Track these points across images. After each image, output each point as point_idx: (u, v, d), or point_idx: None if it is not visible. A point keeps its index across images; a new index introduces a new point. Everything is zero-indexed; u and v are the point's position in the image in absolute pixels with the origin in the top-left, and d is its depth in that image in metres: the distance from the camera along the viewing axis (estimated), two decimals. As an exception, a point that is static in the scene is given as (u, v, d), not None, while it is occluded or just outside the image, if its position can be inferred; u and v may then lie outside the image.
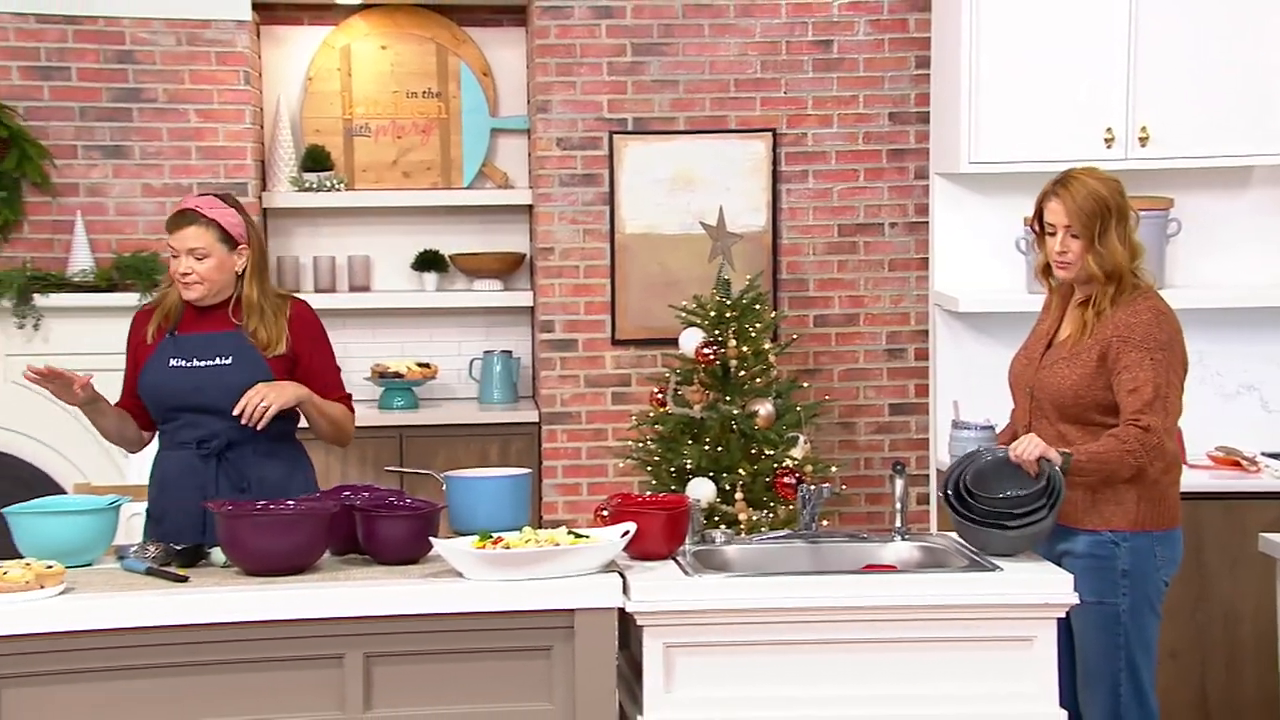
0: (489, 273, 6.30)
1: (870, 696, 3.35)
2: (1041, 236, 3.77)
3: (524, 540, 3.37)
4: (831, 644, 3.35)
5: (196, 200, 3.89)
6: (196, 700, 3.20)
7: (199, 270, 3.79)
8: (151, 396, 3.86)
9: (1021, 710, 3.36)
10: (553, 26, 5.92)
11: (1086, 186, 3.68)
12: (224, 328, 3.85)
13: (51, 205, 5.82)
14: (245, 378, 3.77)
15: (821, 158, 6.01)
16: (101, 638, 3.16)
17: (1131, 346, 3.60)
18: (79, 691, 3.16)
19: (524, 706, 3.29)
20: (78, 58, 5.80)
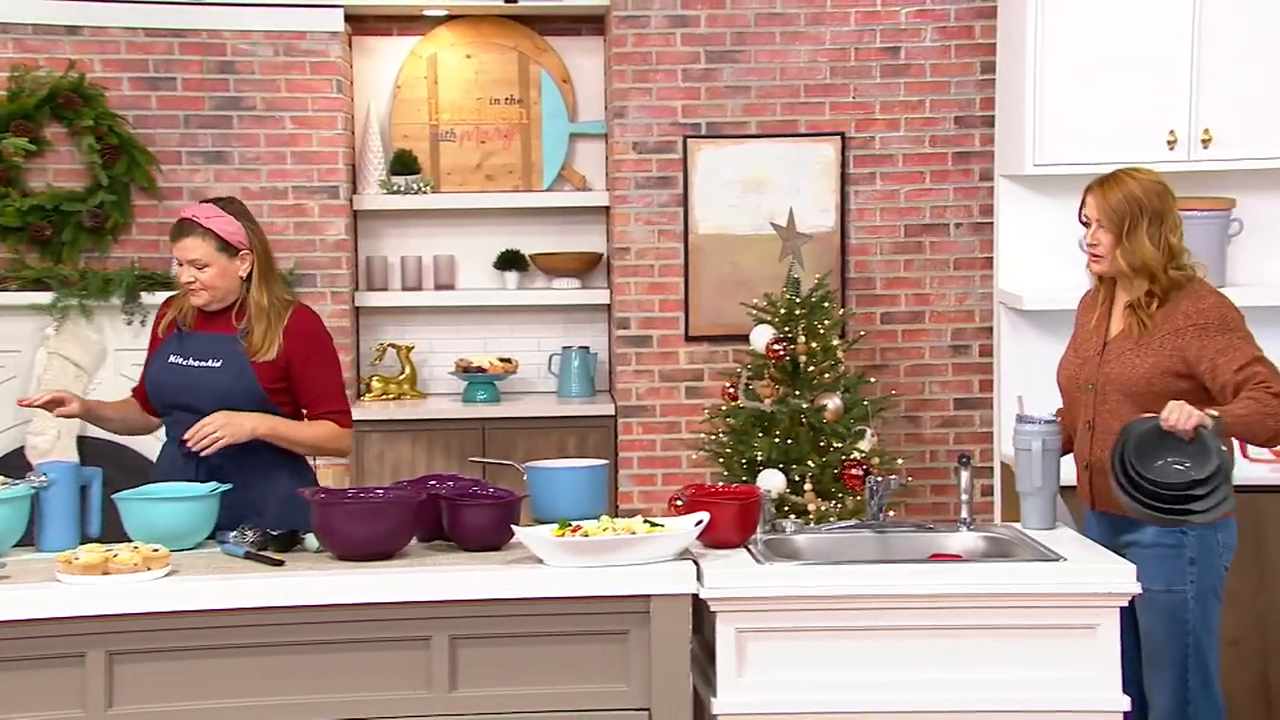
0: (567, 272, 6.31)
1: (935, 681, 3.32)
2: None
3: (602, 528, 3.37)
4: (898, 630, 3.32)
5: (196, 209, 3.82)
6: (291, 678, 3.22)
7: (201, 279, 3.75)
8: (150, 389, 3.88)
9: (1085, 696, 3.32)
10: (630, 35, 5.92)
11: (1123, 186, 3.69)
12: (224, 330, 3.81)
13: (157, 208, 5.89)
14: (229, 382, 3.74)
15: (889, 160, 5.96)
16: (203, 617, 3.19)
17: (1213, 332, 3.58)
18: (183, 668, 3.19)
19: (601, 688, 3.28)
20: (183, 69, 5.86)
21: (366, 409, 6.01)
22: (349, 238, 6.09)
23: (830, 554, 3.62)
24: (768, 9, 5.91)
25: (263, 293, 3.81)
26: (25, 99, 5.70)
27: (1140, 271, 3.66)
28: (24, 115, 5.70)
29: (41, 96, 5.71)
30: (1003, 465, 5.34)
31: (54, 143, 5.79)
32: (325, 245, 5.99)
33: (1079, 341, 3.86)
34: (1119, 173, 3.76)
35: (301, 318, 3.84)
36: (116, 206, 5.80)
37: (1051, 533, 3.64)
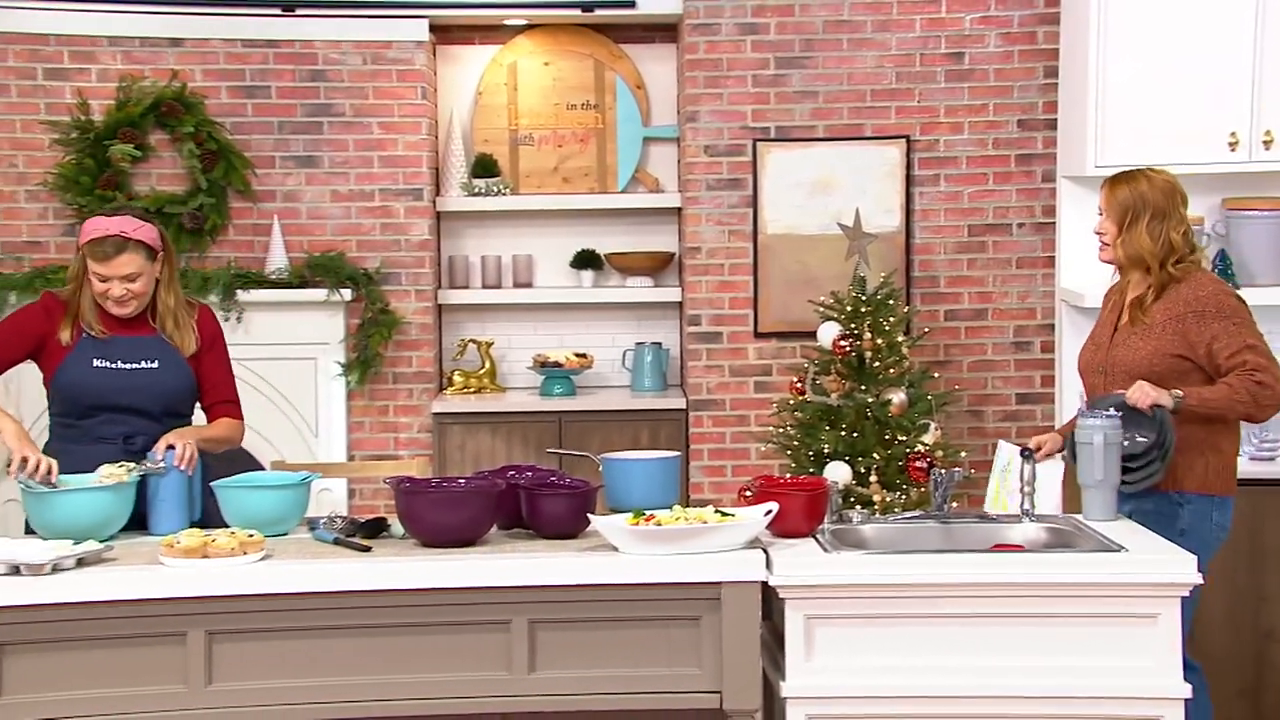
0: (641, 270, 6.30)
1: (997, 667, 3.28)
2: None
3: (674, 518, 3.36)
4: (962, 618, 3.29)
5: (118, 223, 3.64)
6: (378, 659, 3.24)
7: (133, 289, 3.66)
8: (69, 393, 3.67)
9: (1145, 683, 3.27)
10: (701, 42, 5.90)
11: (1133, 182, 3.81)
12: (143, 331, 3.73)
13: (252, 210, 5.95)
14: (172, 380, 3.71)
15: (953, 162, 5.90)
16: (295, 600, 3.22)
17: (1210, 318, 3.68)
18: (276, 647, 3.22)
19: (674, 671, 3.27)
20: (277, 78, 5.92)
21: (448, 402, 6.04)
22: (432, 238, 6.12)
23: (896, 544, 3.59)
24: (835, 16, 5.88)
25: (171, 293, 3.76)
26: (132, 108, 5.78)
27: (1136, 263, 3.78)
28: (131, 123, 5.78)
29: (147, 105, 5.78)
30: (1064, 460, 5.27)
31: (158, 149, 5.87)
32: (409, 245, 6.03)
33: (1096, 330, 3.96)
34: (1135, 171, 3.87)
35: (207, 314, 3.86)
36: (214, 209, 5.86)
37: (1113, 524, 3.59)
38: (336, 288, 5.86)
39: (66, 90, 5.80)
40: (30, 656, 3.14)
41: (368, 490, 5.87)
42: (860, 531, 3.62)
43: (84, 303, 3.69)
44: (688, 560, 3.27)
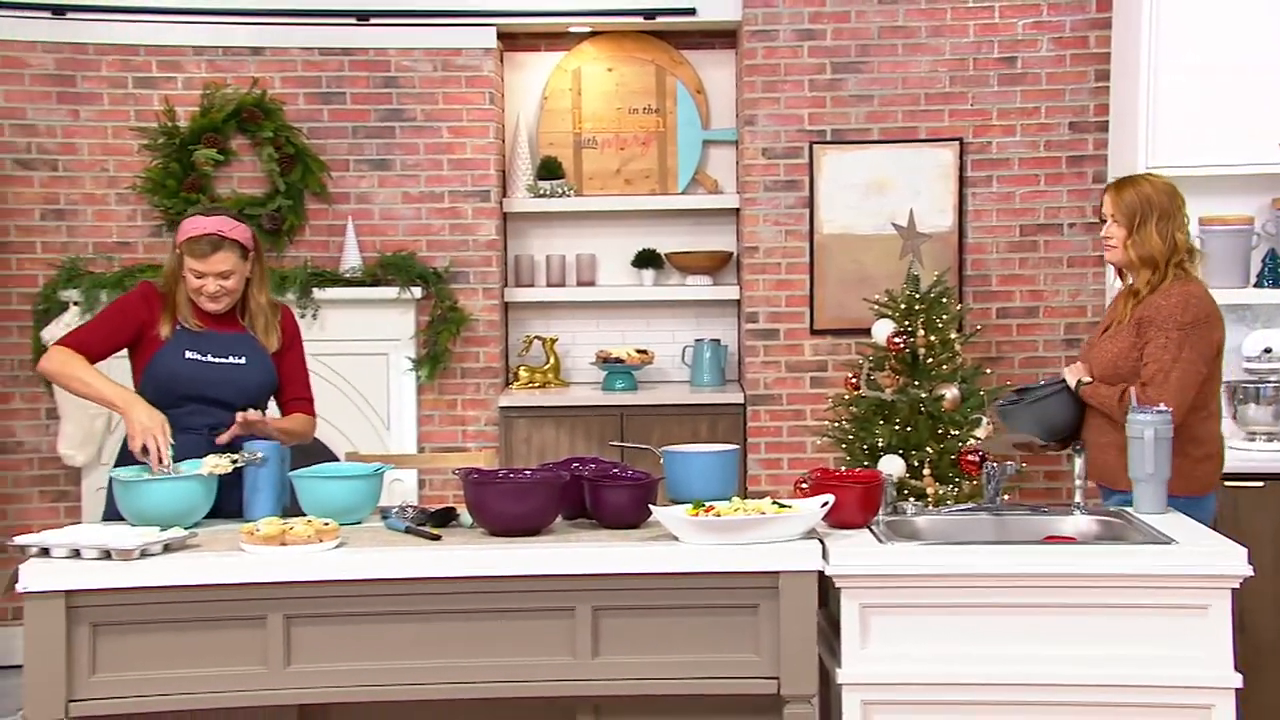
0: (700, 269, 6.29)
1: (1049, 656, 3.25)
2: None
3: (733, 509, 3.35)
4: (1015, 608, 3.26)
5: (215, 223, 3.70)
6: (446, 643, 3.25)
7: (227, 286, 3.71)
8: (162, 383, 3.70)
9: (1196, 674, 3.22)
10: (760, 48, 5.88)
11: (1136, 185, 3.86)
12: (233, 328, 3.78)
13: (328, 211, 6.00)
14: (257, 376, 3.77)
15: (1005, 164, 5.85)
16: (369, 586, 3.23)
17: (1154, 326, 3.75)
18: (351, 631, 3.24)
19: (733, 657, 3.27)
20: (351, 84, 5.96)
21: (514, 396, 6.06)
22: (499, 238, 6.14)
23: (949, 535, 3.56)
24: (891, 22, 5.84)
25: (263, 292, 3.81)
26: (215, 114, 5.84)
27: (1147, 262, 3.81)
28: (213, 129, 5.84)
29: (228, 111, 5.84)
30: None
31: (239, 153, 5.93)
32: (477, 245, 6.05)
33: (1095, 329, 4.07)
34: (1136, 175, 3.95)
35: (289, 315, 3.91)
36: (292, 210, 5.91)
37: (1163, 517, 3.54)
38: (407, 286, 5.90)
39: (154, 98, 5.88)
40: (121, 637, 3.18)
41: (437, 481, 5.90)
42: (914, 523, 3.60)
43: (180, 298, 3.74)
44: (746, 550, 3.26)
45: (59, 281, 5.79)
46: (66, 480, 5.90)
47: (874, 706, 3.27)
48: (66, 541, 3.24)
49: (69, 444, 5.78)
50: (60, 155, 5.86)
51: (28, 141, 5.83)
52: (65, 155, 5.86)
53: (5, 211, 5.83)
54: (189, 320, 3.74)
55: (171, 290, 3.76)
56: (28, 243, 5.87)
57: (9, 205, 5.83)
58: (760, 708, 3.30)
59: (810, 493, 3.52)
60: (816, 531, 3.38)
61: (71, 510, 5.89)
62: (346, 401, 5.94)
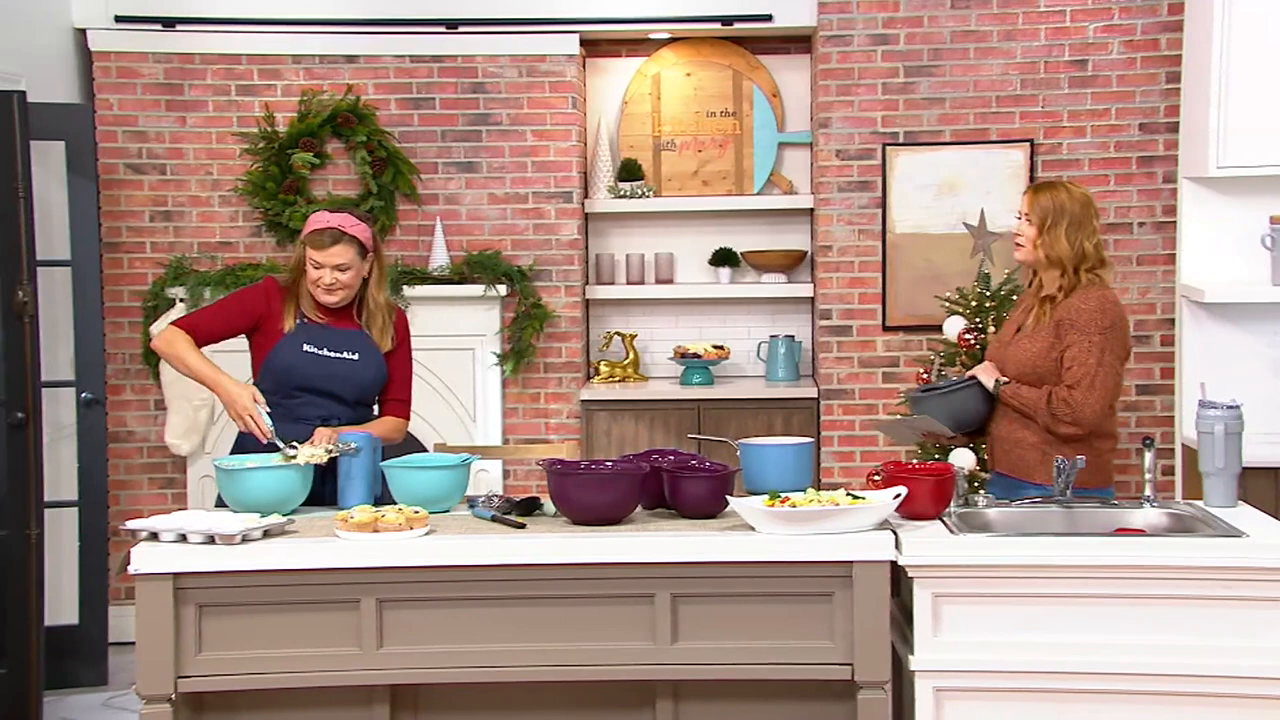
0: (775, 267, 6.26)
1: (1120, 646, 3.21)
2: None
3: (808, 500, 3.33)
4: (1084, 598, 3.22)
5: (338, 219, 3.76)
6: (531, 627, 3.27)
7: (342, 279, 3.74)
8: (280, 374, 3.76)
9: (1266, 665, 3.16)
10: (834, 53, 5.84)
11: (1053, 190, 3.88)
12: (349, 325, 3.82)
13: (417, 212, 6.04)
14: (368, 373, 3.80)
15: (1075, 165, 5.75)
16: (457, 572, 3.25)
17: (1076, 330, 3.75)
18: (440, 615, 3.26)
19: (807, 644, 3.25)
20: (440, 90, 6.00)
21: (595, 390, 6.07)
22: (580, 237, 6.15)
23: (1020, 527, 3.51)
24: (963, 27, 5.77)
25: (381, 292, 3.85)
26: (311, 119, 5.90)
27: (1054, 264, 3.82)
28: (310, 133, 5.91)
29: (324, 117, 5.90)
30: (1184, 447, 5.12)
31: (334, 156, 5.98)
32: (560, 244, 6.07)
33: (1003, 328, 4.03)
34: (1056, 181, 3.97)
35: (403, 318, 3.94)
36: (384, 211, 5.96)
37: (1233, 510, 3.47)
38: (493, 284, 5.93)
39: (255, 105, 5.95)
40: (225, 618, 3.23)
41: (521, 471, 5.93)
42: (985, 515, 3.55)
43: (301, 290, 3.81)
44: (821, 540, 3.24)
45: (166, 279, 5.89)
46: (173, 468, 6.01)
47: (946, 694, 3.24)
48: (174, 526, 3.30)
49: (175, 434, 5.88)
50: (168, 160, 5.96)
51: (139, 147, 5.94)
52: (173, 160, 5.96)
53: (118, 214, 5.94)
54: (311, 312, 3.80)
55: (294, 283, 3.82)
56: (138, 243, 5.97)
57: (121, 208, 5.94)
58: (834, 694, 3.29)
59: (883, 485, 3.48)
60: (889, 522, 3.35)
61: (178, 497, 5.99)
62: (435, 395, 5.98)
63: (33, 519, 4.87)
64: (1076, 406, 3.72)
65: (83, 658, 5.31)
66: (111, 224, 5.91)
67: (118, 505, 5.85)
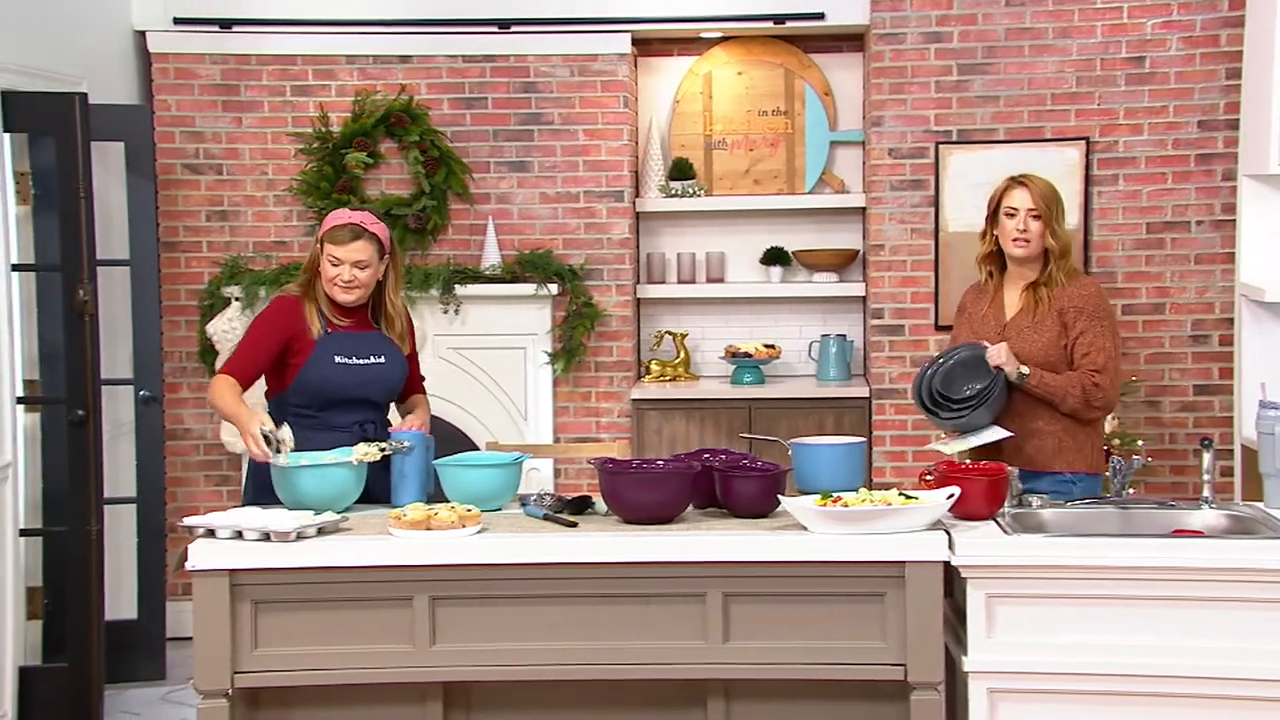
0: (827, 266, 6.23)
1: (1177, 649, 3.17)
2: (991, 228, 3.90)
3: (860, 500, 3.32)
4: (1141, 600, 3.19)
5: (359, 215, 3.76)
6: (583, 625, 3.27)
7: (360, 278, 3.72)
8: (316, 388, 3.72)
9: (1326, 672, 3.11)
10: (887, 51, 5.80)
11: (1044, 180, 3.90)
12: (368, 328, 3.81)
13: (469, 211, 6.07)
14: (395, 373, 3.81)
15: (1131, 163, 5.69)
16: (509, 570, 3.27)
17: (1086, 316, 3.80)
18: (492, 613, 3.28)
19: (860, 644, 3.24)
20: (493, 90, 6.02)
21: (645, 389, 6.07)
22: (632, 236, 6.15)
23: (1075, 528, 3.48)
24: (1018, 24, 5.71)
25: (398, 296, 3.85)
26: (365, 119, 5.94)
27: (1065, 253, 3.84)
28: (364, 133, 5.94)
29: (378, 117, 5.94)
30: (1243, 448, 5.04)
31: (387, 156, 6.01)
32: (611, 243, 6.07)
33: (974, 325, 3.96)
34: (1029, 174, 3.94)
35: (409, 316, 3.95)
36: (436, 210, 5.99)
37: (1294, 514, 3.42)
38: (544, 283, 5.94)
39: (310, 105, 6.00)
40: (280, 614, 3.26)
41: (571, 470, 5.94)
42: (1040, 515, 3.52)
43: (319, 292, 3.79)
44: (873, 540, 3.23)
45: (222, 278, 5.95)
46: (229, 465, 6.07)
47: (1000, 695, 3.22)
48: (230, 523, 3.33)
49: (230, 432, 5.94)
50: (224, 160, 6.02)
51: (196, 147, 6.00)
52: (229, 160, 6.02)
53: (175, 213, 6.01)
54: (331, 314, 3.77)
55: (309, 285, 3.79)
56: (195, 242, 6.04)
57: (178, 208, 6.01)
58: (887, 694, 3.27)
59: (935, 485, 3.46)
60: (942, 523, 3.33)
61: (234, 494, 6.05)
62: (486, 393, 6.01)
63: (93, 515, 4.94)
64: (1107, 390, 3.77)
65: (141, 652, 5.38)
66: (169, 224, 5.98)
67: (174, 502, 5.92)
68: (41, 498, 5.14)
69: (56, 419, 5.05)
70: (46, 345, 5.13)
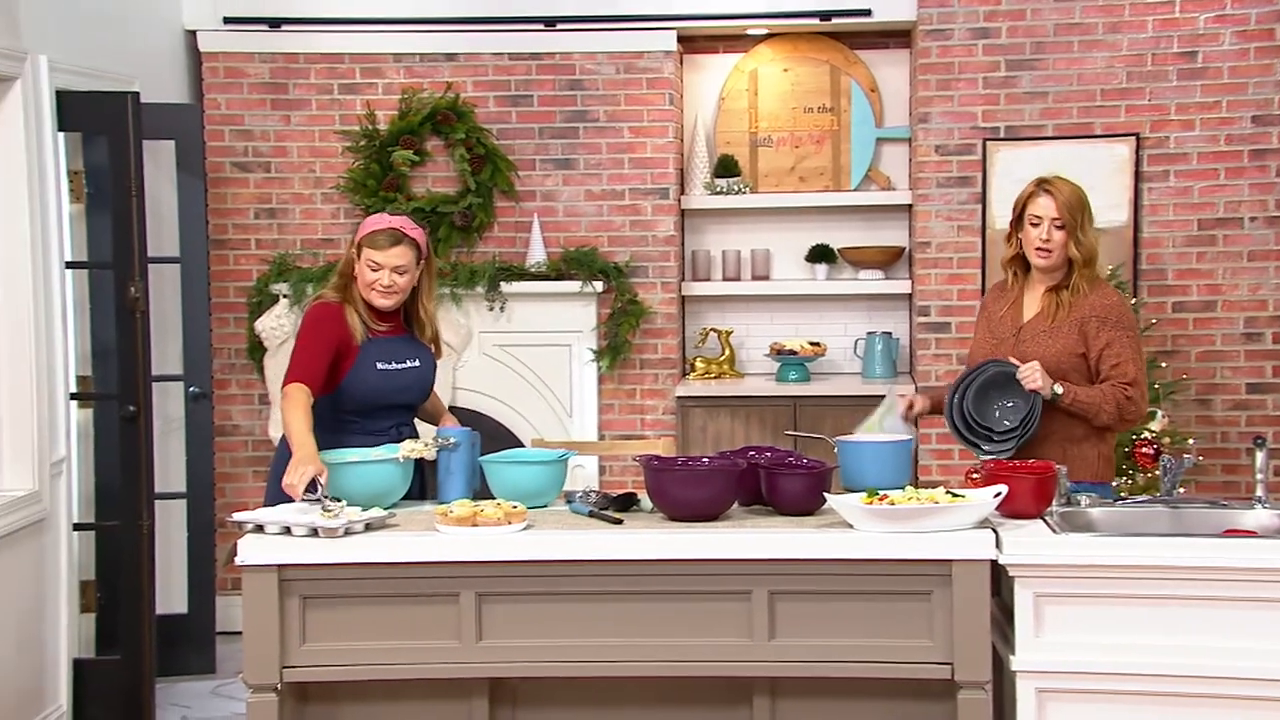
0: (872, 264, 6.21)
1: (1229, 650, 3.13)
2: (1015, 232, 3.80)
3: (907, 498, 3.30)
4: (1192, 600, 3.15)
5: (399, 220, 3.74)
6: (628, 623, 3.27)
7: (399, 283, 3.71)
8: (361, 395, 3.71)
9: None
10: (934, 47, 5.77)
11: (1069, 185, 3.75)
12: (401, 332, 3.80)
13: (514, 209, 6.09)
14: (429, 375, 3.82)
15: (1183, 159, 5.63)
16: (555, 567, 3.27)
17: (1110, 326, 3.71)
18: (538, 609, 3.28)
19: (906, 642, 3.22)
20: (538, 87, 6.04)
21: (690, 387, 6.07)
22: (677, 234, 6.15)
23: (1125, 527, 3.45)
24: (1067, 19, 5.67)
25: (431, 302, 3.85)
26: (412, 117, 5.97)
27: (1089, 262, 3.73)
28: (410, 131, 5.98)
29: (424, 115, 5.97)
30: None
31: (433, 154, 6.04)
32: (656, 241, 6.08)
33: (992, 326, 3.88)
34: (1055, 178, 3.78)
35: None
36: (482, 208, 6.01)
37: (1349, 515, 3.37)
38: (590, 280, 5.96)
39: (357, 103, 6.04)
40: (328, 609, 3.28)
41: (616, 467, 5.95)
42: (1088, 514, 3.49)
43: (355, 296, 3.76)
44: (920, 538, 3.21)
45: (270, 276, 6.00)
46: (276, 461, 6.12)
47: (1048, 695, 3.20)
48: (278, 519, 3.35)
49: (277, 426, 5.99)
50: (273, 158, 6.07)
51: (245, 145, 6.06)
52: (277, 158, 6.07)
53: (224, 211, 6.07)
54: (367, 317, 3.75)
55: (346, 289, 3.76)
56: (243, 240, 6.10)
57: (227, 205, 6.07)
58: (933, 694, 3.26)
59: (982, 483, 3.44)
60: (989, 521, 3.31)
61: (281, 489, 6.10)
62: (531, 390, 6.03)
63: (144, 510, 5.00)
64: (1138, 402, 3.71)
65: (192, 646, 5.44)
66: (218, 221, 6.04)
67: (223, 498, 5.98)
68: (94, 492, 5.21)
69: (109, 415, 5.12)
70: (99, 342, 5.19)
